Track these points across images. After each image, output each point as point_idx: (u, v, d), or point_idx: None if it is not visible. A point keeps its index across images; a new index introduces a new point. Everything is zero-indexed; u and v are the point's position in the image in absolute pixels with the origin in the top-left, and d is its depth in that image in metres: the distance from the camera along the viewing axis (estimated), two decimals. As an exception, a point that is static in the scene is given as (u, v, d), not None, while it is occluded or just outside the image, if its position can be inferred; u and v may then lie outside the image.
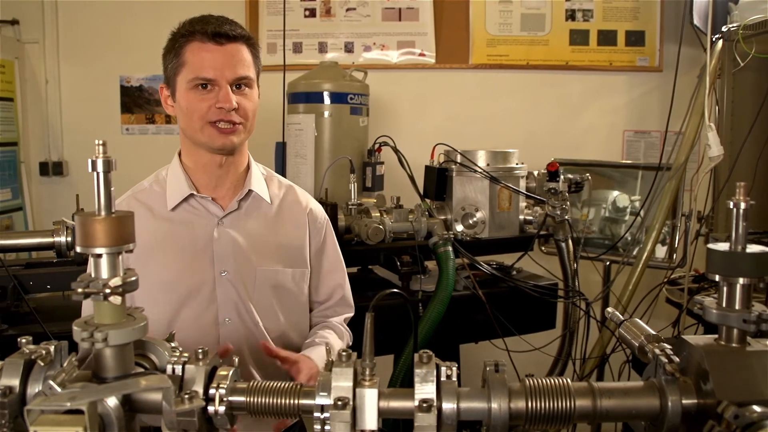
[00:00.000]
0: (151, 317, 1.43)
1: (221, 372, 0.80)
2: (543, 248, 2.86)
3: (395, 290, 0.99)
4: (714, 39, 2.48)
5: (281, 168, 2.68)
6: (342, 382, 0.75)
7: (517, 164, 2.36)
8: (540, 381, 0.78)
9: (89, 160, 0.79)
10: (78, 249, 0.79)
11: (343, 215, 2.25)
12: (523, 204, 2.38)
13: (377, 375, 0.78)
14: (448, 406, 0.75)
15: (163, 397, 0.75)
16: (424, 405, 0.72)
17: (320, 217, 1.68)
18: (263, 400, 0.79)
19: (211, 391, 0.78)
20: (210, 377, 0.80)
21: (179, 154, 1.57)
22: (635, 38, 3.27)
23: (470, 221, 2.33)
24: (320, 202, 2.28)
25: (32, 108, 3.31)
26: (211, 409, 0.77)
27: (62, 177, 3.35)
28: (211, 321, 1.50)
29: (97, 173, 0.79)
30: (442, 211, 2.38)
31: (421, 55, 3.38)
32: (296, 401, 0.78)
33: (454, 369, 0.77)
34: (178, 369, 0.79)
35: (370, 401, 0.75)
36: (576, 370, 2.49)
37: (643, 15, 3.25)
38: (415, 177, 2.42)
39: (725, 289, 0.80)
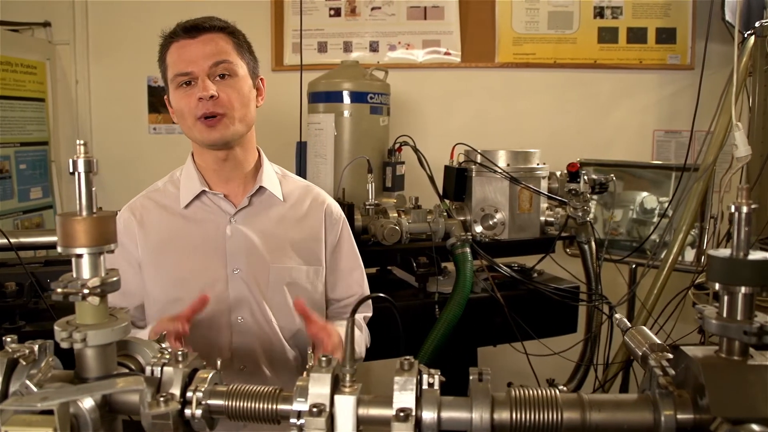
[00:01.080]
0: (170, 310, 1.45)
1: (201, 375, 0.79)
2: (568, 250, 2.81)
3: (380, 294, 0.96)
4: (746, 35, 2.40)
5: (301, 167, 2.68)
6: (319, 388, 0.73)
7: (538, 164, 2.31)
8: (526, 391, 0.75)
9: (70, 161, 0.79)
10: (59, 249, 0.78)
11: (360, 215, 2.23)
12: (544, 205, 2.34)
13: (359, 381, 0.76)
14: (429, 415, 0.73)
15: (139, 400, 0.74)
16: (401, 414, 0.70)
17: (336, 214, 1.67)
18: (242, 404, 0.77)
19: (189, 394, 0.77)
20: (191, 379, 0.79)
21: (192, 155, 1.58)
22: (666, 35, 3.18)
23: (490, 222, 2.29)
24: (337, 201, 2.28)
25: (62, 108, 3.36)
26: (188, 412, 0.76)
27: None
28: (224, 320, 1.50)
29: (78, 173, 0.79)
30: (461, 212, 2.34)
31: (446, 54, 3.34)
32: (274, 406, 0.77)
33: (437, 377, 0.75)
34: (157, 371, 0.78)
35: (348, 408, 0.73)
36: (598, 376, 2.43)
37: (674, 11, 3.16)
38: (439, 177, 2.40)
39: (726, 298, 0.76)
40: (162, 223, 1.51)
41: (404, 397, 0.72)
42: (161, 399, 0.74)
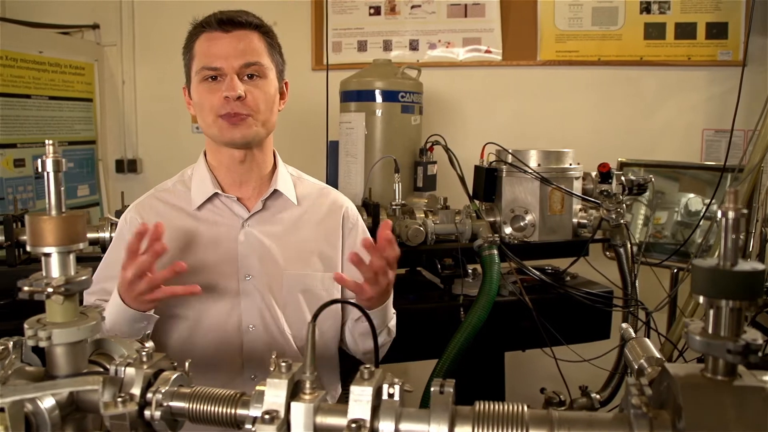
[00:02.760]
0: (175, 320, 1.46)
1: (165, 375, 0.78)
2: (607, 253, 2.71)
3: (349, 301, 0.94)
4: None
5: (334, 167, 2.68)
6: (274, 394, 0.71)
7: (570, 164, 2.24)
8: (491, 406, 0.71)
9: (38, 160, 0.79)
10: (28, 248, 0.79)
11: (387, 215, 2.21)
12: (577, 207, 2.26)
13: (319, 389, 0.74)
14: (386, 426, 0.70)
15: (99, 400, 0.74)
16: (353, 426, 0.67)
17: (353, 217, 1.62)
18: (202, 407, 0.76)
19: (149, 395, 0.76)
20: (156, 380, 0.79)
21: (204, 154, 1.55)
22: (717, 30, 3.03)
23: (520, 224, 2.23)
24: (363, 201, 2.27)
25: (109, 108, 3.46)
26: (147, 413, 0.75)
27: (136, 174, 3.49)
28: (235, 327, 1.46)
29: (47, 173, 0.79)
30: (491, 213, 2.29)
31: (487, 52, 3.28)
32: (233, 411, 0.75)
33: (397, 387, 0.71)
34: (121, 371, 0.78)
35: (304, 416, 0.71)
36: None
37: (726, 5, 3.01)
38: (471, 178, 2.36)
39: (711, 312, 0.70)
40: (171, 226, 1.45)
41: (359, 408, 0.69)
42: (119, 400, 0.73)
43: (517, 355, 2.41)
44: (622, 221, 2.14)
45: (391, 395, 0.71)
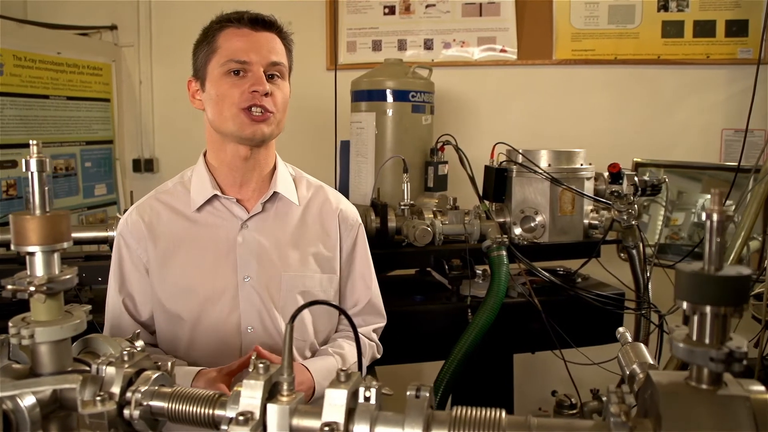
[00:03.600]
0: (179, 321, 1.46)
1: (146, 375, 0.79)
2: (622, 255, 2.67)
3: (324, 301, 0.93)
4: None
5: (345, 167, 2.68)
6: (250, 396, 0.71)
7: (582, 165, 2.21)
8: (468, 411, 0.70)
9: (23, 160, 0.80)
10: (12, 247, 0.80)
11: (395, 216, 2.20)
12: (588, 207, 2.23)
13: (297, 391, 0.74)
14: (361, 429, 0.69)
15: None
16: (326, 429, 0.67)
17: (351, 218, 1.62)
18: (180, 407, 0.76)
19: (128, 394, 0.76)
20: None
21: (204, 154, 1.55)
22: (737, 28, 2.97)
23: (530, 225, 2.21)
24: (372, 201, 2.26)
25: (127, 108, 3.50)
26: (126, 412, 0.75)
27: (153, 173, 3.53)
28: (233, 329, 1.46)
29: (31, 173, 0.79)
30: (501, 214, 2.27)
31: (502, 51, 3.26)
32: (211, 411, 0.75)
33: (374, 390, 0.71)
34: (102, 370, 0.78)
35: (279, 418, 0.70)
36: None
37: (746, 2, 2.94)
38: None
39: (696, 318, 0.68)
40: (171, 227, 1.48)
41: (333, 412, 0.69)
42: (98, 398, 0.74)
43: (528, 357, 2.38)
44: (633, 222, 2.11)
45: (367, 399, 0.71)
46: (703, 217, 0.68)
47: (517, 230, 2.21)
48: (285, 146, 3.32)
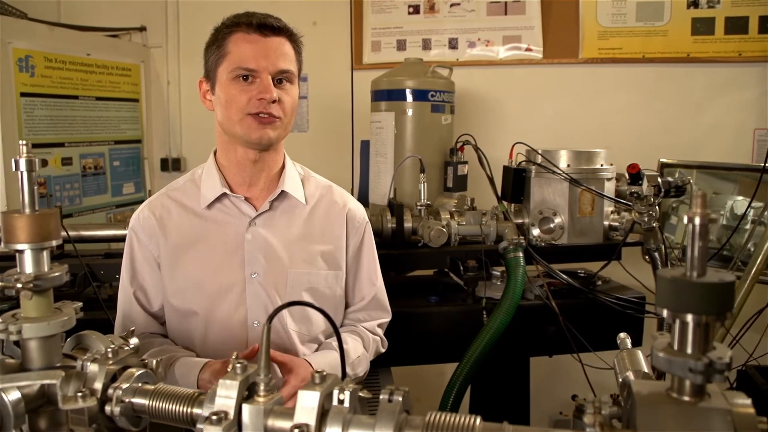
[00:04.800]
0: (186, 316, 1.49)
1: (128, 372, 0.79)
2: (646, 257, 2.62)
3: (305, 302, 0.93)
4: None
5: (366, 166, 2.68)
6: (225, 395, 0.71)
7: (602, 165, 2.17)
8: (442, 417, 0.69)
9: (12, 160, 0.81)
10: (2, 245, 0.81)
11: (411, 216, 2.19)
12: (609, 209, 2.19)
13: (273, 391, 0.74)
14: None
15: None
16: (296, 430, 0.67)
17: (358, 217, 1.63)
18: (161, 404, 0.77)
19: (110, 390, 0.77)
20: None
21: (215, 153, 1.57)
22: (771, 24, 2.89)
23: (549, 225, 2.18)
24: (389, 202, 2.25)
25: (155, 108, 3.56)
26: (108, 409, 0.76)
27: (180, 172, 3.57)
28: (240, 323, 1.49)
29: (21, 172, 0.81)
30: (519, 215, 2.25)
31: (527, 50, 3.22)
32: (189, 410, 0.75)
33: (347, 393, 0.70)
34: (87, 366, 0.79)
35: (254, 418, 0.71)
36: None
37: (780, -2, 2.87)
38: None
39: (677, 327, 0.66)
40: (181, 224, 1.51)
41: (305, 414, 0.68)
42: (79, 394, 0.75)
43: (550, 360, 2.35)
44: (654, 224, 2.06)
45: (341, 401, 0.70)
46: (685, 220, 0.66)
47: (535, 231, 2.18)
48: (309, 144, 3.36)
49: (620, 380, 0.90)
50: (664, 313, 0.66)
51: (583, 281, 2.17)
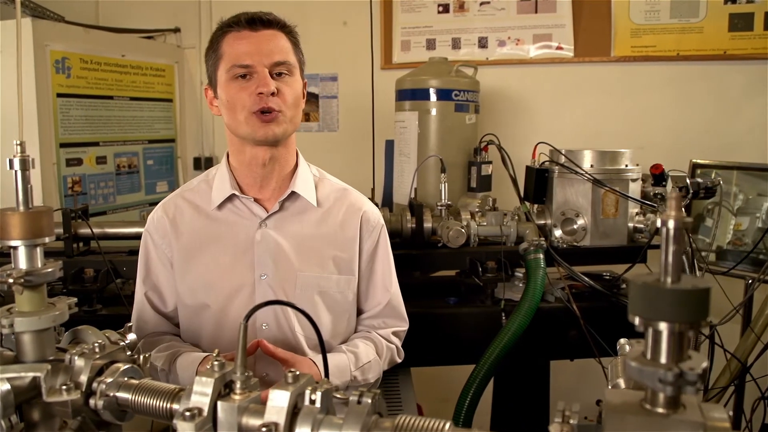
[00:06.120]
0: (196, 316, 1.51)
1: (114, 367, 0.81)
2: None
3: (282, 301, 0.93)
4: None
5: (390, 166, 2.68)
6: (200, 392, 0.72)
7: (626, 166, 2.12)
8: (412, 420, 0.68)
9: (7, 159, 0.84)
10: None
11: (431, 216, 2.18)
12: (634, 210, 2.13)
13: (250, 389, 0.74)
14: None
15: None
16: (264, 429, 0.67)
17: (373, 220, 1.61)
18: (143, 399, 0.78)
19: (95, 384, 0.79)
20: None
21: (227, 155, 1.58)
22: (813, 19, 2.78)
23: (573, 227, 2.14)
24: (410, 202, 2.25)
25: (188, 108, 3.62)
26: (92, 402, 0.78)
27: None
28: (249, 325, 1.49)
29: (15, 171, 0.83)
30: (542, 216, 2.21)
31: (558, 48, 3.17)
32: (169, 405, 0.77)
33: (319, 393, 0.70)
34: (74, 360, 0.81)
35: (227, 416, 0.71)
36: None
37: (823, -9, 2.76)
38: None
39: (650, 335, 0.64)
40: (193, 224, 1.52)
41: (274, 413, 0.69)
42: (63, 387, 0.76)
43: (573, 364, 2.31)
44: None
45: (312, 401, 0.70)
46: (659, 223, 0.64)
47: (558, 232, 2.15)
48: (339, 143, 3.38)
49: (610, 387, 0.88)
50: (636, 320, 0.64)
51: (606, 284, 2.13)
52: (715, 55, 2.93)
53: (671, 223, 0.62)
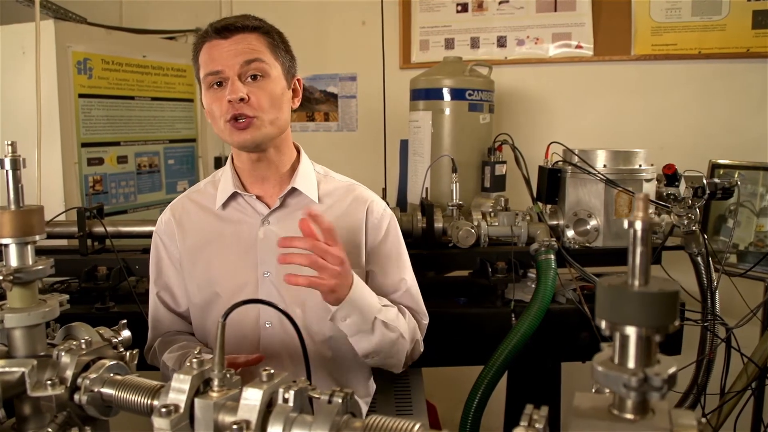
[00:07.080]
0: (203, 314, 1.53)
1: (99, 363, 0.83)
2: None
3: (263, 300, 0.93)
4: None
5: (405, 165, 2.68)
6: (177, 389, 0.73)
7: (640, 166, 2.09)
8: (382, 421, 0.68)
9: (0, 159, 0.86)
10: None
11: (442, 216, 2.17)
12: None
13: (228, 386, 0.75)
14: (274, 430, 0.69)
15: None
16: (234, 427, 0.68)
17: (378, 212, 1.58)
18: (126, 395, 0.80)
19: (79, 380, 0.80)
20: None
21: (232, 156, 1.58)
22: (839, 16, 2.71)
23: (586, 227, 2.12)
24: (421, 201, 2.25)
25: (209, 107, 3.66)
26: (77, 397, 0.80)
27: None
28: (253, 324, 1.50)
29: (6, 171, 0.85)
30: (554, 216, 2.20)
31: (577, 47, 3.14)
32: (149, 401, 0.78)
33: (293, 392, 0.71)
34: (61, 356, 0.83)
35: (203, 413, 0.72)
36: (703, 406, 2.14)
37: None
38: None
39: (617, 340, 0.63)
40: (199, 224, 1.54)
41: (246, 411, 0.69)
42: (48, 382, 0.78)
43: (576, 366, 2.28)
44: (694, 227, 1.97)
45: (285, 400, 0.71)
46: (625, 224, 0.63)
47: (570, 233, 2.13)
48: (358, 143, 3.38)
49: (593, 391, 0.87)
50: (602, 324, 0.63)
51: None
52: (738, 53, 2.87)
53: (638, 225, 0.62)
